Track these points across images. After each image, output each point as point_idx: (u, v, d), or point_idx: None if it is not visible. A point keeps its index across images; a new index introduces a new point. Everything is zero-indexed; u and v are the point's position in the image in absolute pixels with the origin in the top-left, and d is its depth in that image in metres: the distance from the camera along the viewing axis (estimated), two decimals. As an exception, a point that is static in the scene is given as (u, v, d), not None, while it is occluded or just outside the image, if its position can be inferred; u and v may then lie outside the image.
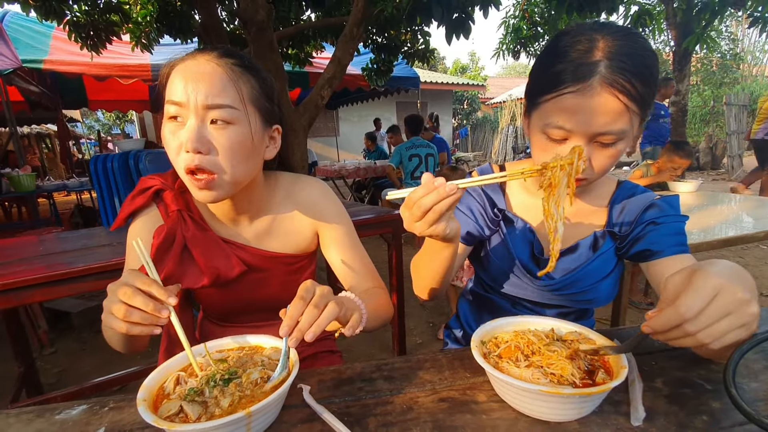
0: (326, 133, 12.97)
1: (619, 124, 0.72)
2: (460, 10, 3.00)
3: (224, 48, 0.81)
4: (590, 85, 0.70)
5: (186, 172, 0.76)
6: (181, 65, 0.77)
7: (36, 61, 4.59)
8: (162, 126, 0.79)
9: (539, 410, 0.60)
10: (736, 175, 9.03)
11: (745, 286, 0.50)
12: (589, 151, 0.75)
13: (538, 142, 0.81)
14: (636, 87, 0.70)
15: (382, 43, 4.47)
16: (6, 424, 0.68)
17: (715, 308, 0.49)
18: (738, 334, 0.50)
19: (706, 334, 0.50)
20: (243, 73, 0.80)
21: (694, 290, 0.50)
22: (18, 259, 1.62)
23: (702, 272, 0.52)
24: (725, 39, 14.37)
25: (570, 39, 0.74)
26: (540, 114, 0.79)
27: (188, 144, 0.73)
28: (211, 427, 0.54)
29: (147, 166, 2.21)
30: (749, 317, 0.50)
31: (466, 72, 26.10)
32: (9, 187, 4.74)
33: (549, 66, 0.76)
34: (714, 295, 0.50)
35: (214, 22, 3.32)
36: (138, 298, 0.62)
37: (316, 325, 0.61)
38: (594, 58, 0.70)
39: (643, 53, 0.71)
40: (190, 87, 0.74)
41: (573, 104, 0.72)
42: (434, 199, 0.62)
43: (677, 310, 0.50)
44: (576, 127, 0.73)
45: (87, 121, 20.42)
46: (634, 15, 4.04)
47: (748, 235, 2.01)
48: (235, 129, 0.78)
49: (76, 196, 9.40)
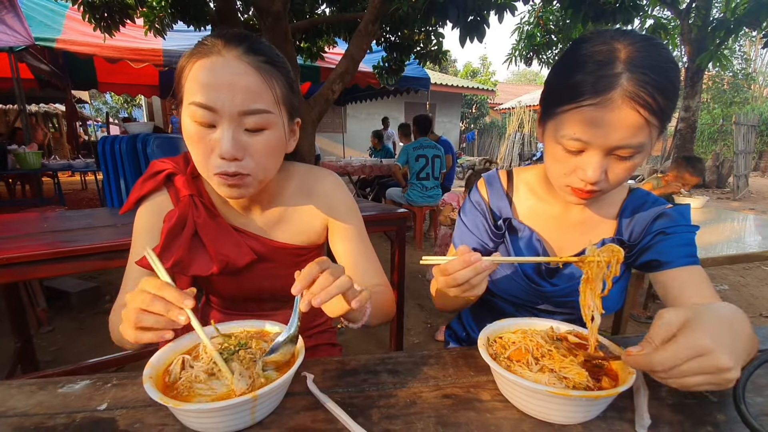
0: (333, 128, 12.96)
1: (638, 138, 0.70)
2: (476, 13, 2.99)
3: (248, 41, 0.76)
4: (611, 99, 0.68)
5: (218, 174, 0.75)
6: (206, 62, 0.72)
7: (49, 39, 4.60)
8: (181, 117, 0.77)
9: (544, 411, 0.60)
10: (741, 195, 9.01)
11: (733, 350, 0.50)
12: (605, 163, 0.74)
13: (553, 152, 0.79)
14: (657, 101, 0.67)
15: (395, 42, 4.47)
16: (8, 395, 0.68)
17: (691, 367, 0.50)
18: (706, 387, 0.52)
19: (673, 382, 0.53)
20: (273, 70, 0.76)
21: (675, 347, 0.51)
22: (22, 234, 1.62)
23: (693, 327, 0.51)
24: (738, 58, 14.34)
25: (590, 47, 0.72)
26: (556, 124, 0.76)
27: (225, 153, 0.72)
28: (216, 408, 0.53)
29: (155, 150, 2.21)
30: (724, 381, 0.50)
31: (477, 76, 26.08)
32: (15, 163, 4.74)
33: (568, 75, 0.74)
34: (695, 356, 0.50)
35: (229, 10, 3.32)
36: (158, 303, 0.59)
37: (326, 292, 0.61)
38: (615, 70, 0.68)
39: (665, 65, 0.69)
40: (224, 93, 0.70)
41: (592, 117, 0.70)
42: (470, 275, 0.66)
43: (650, 360, 0.52)
44: (594, 140, 0.71)
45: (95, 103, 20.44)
46: (649, 28, 4.04)
47: (752, 254, 2.01)
48: (269, 133, 0.77)
49: (80, 176, 9.45)
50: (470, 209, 1.03)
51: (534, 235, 0.94)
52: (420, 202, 4.84)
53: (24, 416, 0.62)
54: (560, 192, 0.84)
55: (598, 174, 0.73)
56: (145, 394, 0.62)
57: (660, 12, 7.52)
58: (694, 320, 0.51)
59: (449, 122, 15.77)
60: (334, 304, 0.68)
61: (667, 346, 0.51)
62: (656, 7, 6.35)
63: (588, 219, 0.94)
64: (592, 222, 0.94)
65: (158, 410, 0.63)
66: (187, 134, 0.75)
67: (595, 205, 0.94)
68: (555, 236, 0.95)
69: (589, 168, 0.73)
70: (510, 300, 1.00)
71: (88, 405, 0.65)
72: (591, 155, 0.73)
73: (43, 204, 5.00)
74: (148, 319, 0.58)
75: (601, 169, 0.73)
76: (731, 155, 10.51)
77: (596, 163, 0.73)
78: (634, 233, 0.90)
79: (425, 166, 4.77)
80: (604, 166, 0.73)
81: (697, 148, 11.88)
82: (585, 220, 0.94)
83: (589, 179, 0.74)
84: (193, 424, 0.57)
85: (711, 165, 10.88)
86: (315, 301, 0.60)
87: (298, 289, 0.61)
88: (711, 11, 5.88)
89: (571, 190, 0.80)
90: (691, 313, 0.53)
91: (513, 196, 1.00)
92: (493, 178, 1.03)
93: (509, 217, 0.97)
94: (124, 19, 3.74)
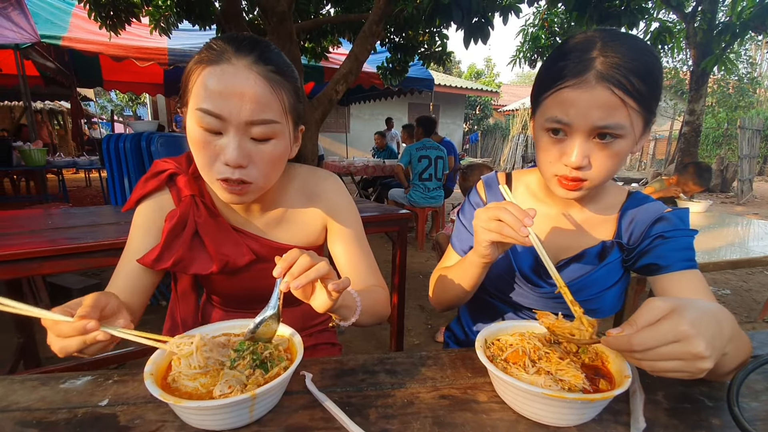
0: (336, 128, 12.99)
1: (615, 118, 0.72)
2: (480, 15, 3.00)
3: (259, 48, 0.76)
4: (586, 79, 0.72)
5: (221, 180, 0.76)
6: (216, 69, 0.72)
7: (55, 37, 4.64)
8: (186, 120, 0.77)
9: (539, 413, 0.60)
10: (745, 200, 8.98)
11: (711, 341, 0.51)
12: (587, 147, 0.76)
13: (541, 142, 0.83)
14: (632, 82, 0.71)
15: (399, 43, 4.48)
16: (11, 390, 0.69)
17: (667, 351, 0.51)
18: (679, 375, 0.53)
19: (647, 365, 0.54)
20: (282, 80, 0.77)
21: (656, 330, 0.52)
22: (27, 230, 1.63)
23: (677, 314, 0.52)
24: (744, 62, 14.28)
25: (572, 41, 0.78)
26: (542, 111, 0.81)
27: (231, 161, 0.73)
28: (215, 406, 0.54)
29: (159, 149, 2.22)
30: (697, 371, 0.51)
31: (481, 77, 26.07)
32: (20, 160, 4.77)
33: (551, 65, 0.79)
34: (673, 341, 0.51)
35: (234, 10, 3.33)
36: None
37: (305, 275, 0.62)
38: (591, 55, 0.73)
39: (640, 52, 0.72)
40: (233, 102, 0.71)
41: (570, 97, 0.74)
42: (511, 221, 0.71)
43: (630, 341, 0.53)
44: (573, 120, 0.74)
45: (100, 100, 20.54)
46: (654, 32, 4.03)
47: (755, 259, 2.00)
48: (275, 143, 0.77)
49: (85, 174, 9.49)
50: (469, 211, 1.04)
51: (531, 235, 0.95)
52: (422, 203, 4.84)
53: (26, 411, 0.63)
54: (551, 186, 0.85)
55: (581, 158, 0.76)
56: (145, 391, 0.63)
57: (665, 15, 7.51)
58: (680, 308, 0.52)
59: (453, 123, 15.77)
60: (319, 295, 0.68)
61: (648, 329, 0.53)
62: (661, 11, 6.34)
63: (587, 221, 0.94)
64: (591, 224, 0.94)
65: (158, 407, 0.64)
66: (191, 138, 0.76)
67: (594, 206, 0.94)
68: (553, 237, 0.96)
69: (572, 151, 0.76)
70: (508, 301, 1.01)
71: (89, 400, 0.66)
72: (573, 139, 0.76)
73: (48, 201, 5.02)
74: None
75: (582, 153, 0.76)
76: (736, 159, 10.47)
77: (578, 146, 0.76)
78: (633, 236, 0.91)
79: (428, 167, 4.77)
80: (585, 150, 0.76)
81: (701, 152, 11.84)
82: (584, 221, 0.95)
83: (573, 163, 0.76)
84: (192, 420, 0.58)
85: (715, 169, 10.83)
86: (294, 284, 0.61)
87: (279, 271, 0.63)
88: (717, 15, 5.86)
89: (558, 181, 0.82)
90: (679, 302, 0.54)
91: (512, 198, 1.01)
92: (492, 180, 1.04)
93: None
94: (130, 18, 3.77)
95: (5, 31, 4.14)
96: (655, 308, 0.54)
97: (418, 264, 4.36)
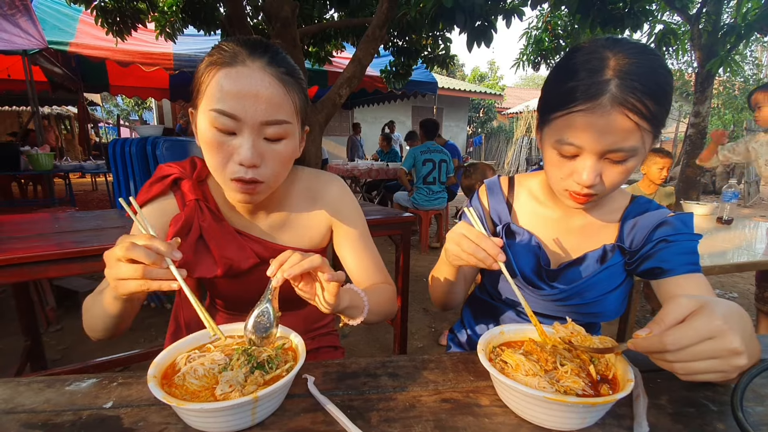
0: (340, 132, 13.01)
1: (629, 141, 0.72)
2: (483, 18, 3.00)
3: (270, 51, 0.77)
4: (600, 104, 0.70)
5: (234, 180, 0.77)
6: (231, 71, 0.73)
7: (62, 43, 4.70)
8: (197, 121, 0.78)
9: (542, 417, 0.60)
10: (752, 202, 8.90)
11: (743, 337, 0.50)
12: (599, 166, 0.76)
13: (550, 158, 0.82)
14: (647, 106, 0.69)
15: (403, 47, 4.49)
16: (16, 392, 0.69)
17: (703, 349, 0.50)
18: (712, 377, 0.51)
19: (680, 366, 0.52)
20: (293, 82, 0.79)
21: (690, 327, 0.51)
22: (34, 234, 1.65)
23: (708, 310, 0.51)
24: (749, 64, 14.17)
25: (582, 56, 0.75)
26: (551, 130, 0.79)
27: (246, 161, 0.74)
28: (217, 408, 0.55)
29: (164, 153, 2.24)
30: (732, 369, 0.50)
31: (485, 80, 26.06)
32: (27, 164, 4.82)
33: (561, 83, 0.76)
34: (709, 337, 0.50)
35: (238, 15, 3.36)
36: (138, 251, 0.60)
37: (298, 265, 0.65)
38: (604, 77, 0.70)
39: (655, 72, 0.70)
40: (248, 103, 0.73)
41: (583, 122, 0.72)
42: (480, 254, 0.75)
43: (662, 340, 0.51)
44: (586, 144, 0.74)
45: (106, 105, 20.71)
46: (658, 34, 4.02)
47: (762, 262, 1.98)
48: (286, 142, 0.79)
49: (91, 178, 9.58)
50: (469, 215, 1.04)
51: (533, 239, 0.95)
52: (426, 206, 4.84)
53: (32, 413, 0.64)
54: (560, 197, 0.86)
55: (593, 177, 0.75)
56: (149, 394, 0.64)
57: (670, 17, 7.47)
58: (707, 305, 0.51)
59: (456, 126, 15.76)
60: (320, 294, 0.70)
61: (680, 326, 0.51)
62: (666, 12, 6.31)
63: (589, 224, 0.94)
64: (593, 227, 0.94)
65: (162, 409, 0.64)
66: (204, 139, 0.77)
67: (597, 210, 0.94)
68: (555, 241, 0.96)
69: (584, 171, 0.75)
70: (511, 304, 1.01)
71: (94, 403, 0.66)
72: (585, 159, 0.75)
73: (55, 205, 5.06)
74: (125, 269, 0.61)
75: (595, 172, 0.75)
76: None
77: (590, 167, 0.75)
78: (635, 240, 0.90)
79: (432, 170, 4.78)
80: (598, 169, 0.76)
81: (707, 154, 11.73)
82: (586, 225, 0.94)
83: (585, 182, 0.76)
84: (194, 423, 0.59)
85: (722, 171, 10.75)
86: (286, 273, 0.64)
87: (273, 270, 0.65)
88: (721, 17, 5.82)
89: (569, 195, 0.82)
90: (704, 300, 0.53)
91: (513, 202, 1.01)
92: (495, 184, 1.04)
93: (508, 222, 0.98)
94: (136, 24, 3.81)
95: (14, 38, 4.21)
96: (683, 305, 0.53)
97: (421, 267, 4.36)
